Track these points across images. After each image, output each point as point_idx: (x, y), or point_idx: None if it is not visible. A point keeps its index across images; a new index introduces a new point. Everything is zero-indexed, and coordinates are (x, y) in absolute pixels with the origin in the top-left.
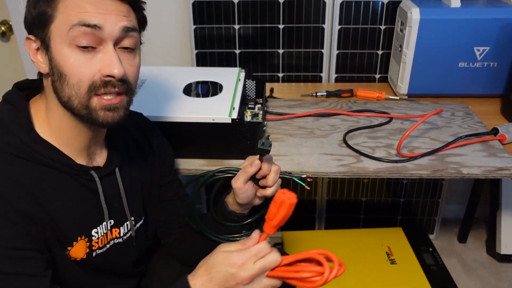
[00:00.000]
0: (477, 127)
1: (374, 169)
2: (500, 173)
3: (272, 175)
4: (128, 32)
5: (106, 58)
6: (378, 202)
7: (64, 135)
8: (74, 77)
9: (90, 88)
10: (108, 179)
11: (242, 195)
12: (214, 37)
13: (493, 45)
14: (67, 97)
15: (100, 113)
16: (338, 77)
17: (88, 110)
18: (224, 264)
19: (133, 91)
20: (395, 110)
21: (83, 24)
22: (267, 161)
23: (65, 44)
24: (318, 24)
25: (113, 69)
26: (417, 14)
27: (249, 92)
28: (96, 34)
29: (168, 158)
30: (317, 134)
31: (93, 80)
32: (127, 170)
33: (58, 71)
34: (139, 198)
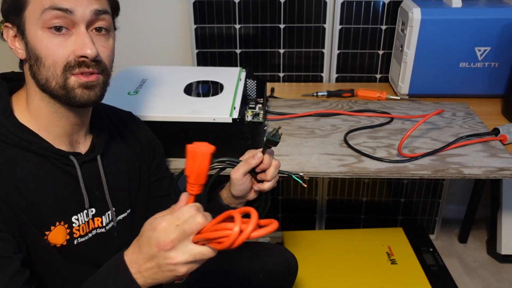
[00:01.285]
0: (478, 128)
1: (375, 169)
2: (501, 174)
3: (271, 170)
4: (100, 15)
5: (79, 40)
6: (379, 202)
7: (44, 120)
8: (49, 59)
9: (65, 68)
10: (88, 165)
11: (239, 187)
12: (215, 36)
13: (494, 46)
14: (44, 79)
15: (78, 92)
16: (339, 77)
17: (66, 89)
18: (148, 230)
19: (108, 73)
20: (396, 110)
21: (54, 7)
22: (268, 154)
23: (39, 27)
24: (319, 24)
25: (86, 49)
26: (418, 14)
27: (250, 92)
28: (68, 18)
29: (158, 155)
30: (318, 134)
31: (67, 61)
32: (112, 161)
33: (34, 55)
34: (125, 190)
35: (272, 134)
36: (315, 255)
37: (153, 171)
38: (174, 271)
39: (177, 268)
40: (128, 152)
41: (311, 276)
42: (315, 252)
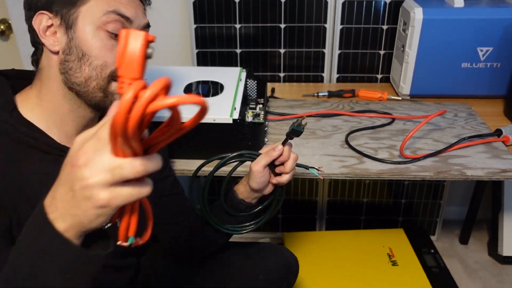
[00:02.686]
0: (480, 128)
1: (376, 170)
2: (504, 175)
3: (290, 162)
4: (146, 29)
5: None
6: (380, 203)
7: (58, 118)
8: (100, 59)
9: (112, 74)
10: None
11: (260, 179)
12: (215, 36)
13: (497, 46)
14: (84, 77)
15: (116, 97)
16: (339, 77)
17: (104, 93)
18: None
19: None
20: (397, 111)
21: (118, 13)
22: (288, 147)
23: (95, 26)
24: (319, 23)
25: None
26: (420, 14)
27: (250, 92)
28: (125, 25)
29: (163, 155)
30: (319, 134)
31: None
32: None
33: (80, 51)
34: None
35: (297, 124)
36: (316, 256)
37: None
38: (91, 198)
39: (94, 194)
40: None
41: (312, 277)
42: (315, 253)
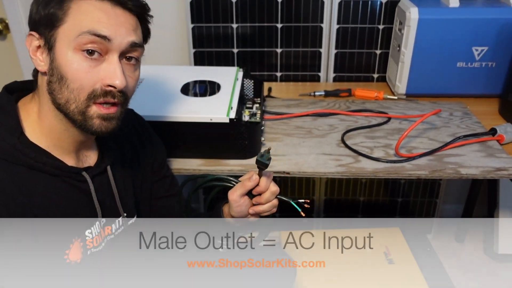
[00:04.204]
0: (475, 127)
1: (372, 169)
2: (498, 174)
3: (267, 194)
4: (135, 47)
5: (110, 68)
6: (376, 202)
7: (55, 136)
8: (76, 82)
9: (90, 96)
10: (99, 178)
11: (236, 209)
12: (212, 36)
13: (492, 45)
14: (64, 99)
15: (96, 122)
16: (336, 76)
17: (84, 116)
18: None
19: (127, 104)
20: (393, 110)
21: (94, 33)
22: (266, 177)
23: (71, 48)
24: (316, 23)
25: (115, 79)
26: (416, 13)
27: (247, 91)
28: (104, 44)
29: (160, 154)
30: (315, 134)
31: (94, 88)
32: (119, 168)
33: (59, 73)
34: (131, 195)
35: (261, 155)
36: (313, 255)
37: (156, 170)
38: None
39: None
40: (132, 153)
41: (309, 276)
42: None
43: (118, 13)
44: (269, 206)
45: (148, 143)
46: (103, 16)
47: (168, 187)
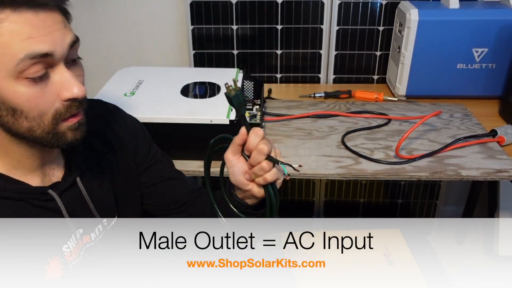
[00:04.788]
0: (475, 129)
1: (372, 171)
2: (499, 175)
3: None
4: (74, 45)
5: (63, 80)
6: (376, 204)
7: (14, 158)
8: (34, 110)
9: (55, 117)
10: (69, 192)
11: (230, 170)
12: (212, 37)
13: (492, 47)
14: (25, 128)
15: (69, 135)
16: (336, 78)
17: (55, 135)
18: None
19: (86, 100)
20: (393, 112)
21: (32, 56)
22: (254, 134)
23: (12, 78)
24: (316, 25)
25: (73, 90)
26: (416, 15)
27: (247, 93)
28: (47, 61)
29: (142, 143)
30: (315, 135)
31: (55, 108)
32: (93, 172)
33: (9, 107)
34: (111, 196)
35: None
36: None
37: (140, 161)
38: None
39: None
40: (108, 152)
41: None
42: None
43: (44, 18)
44: (258, 169)
45: (125, 135)
46: (30, 29)
47: (160, 173)
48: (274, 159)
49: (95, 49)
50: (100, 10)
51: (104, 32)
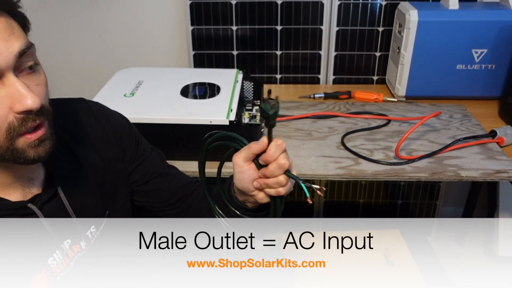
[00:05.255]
0: (475, 130)
1: (372, 171)
2: (499, 176)
3: (273, 166)
4: (25, 53)
5: (13, 92)
6: (376, 204)
7: None
8: None
9: (9, 131)
10: (51, 204)
11: (238, 175)
12: (211, 38)
13: (491, 48)
14: None
15: (30, 152)
16: (336, 78)
17: (16, 151)
18: None
19: (50, 111)
20: (393, 112)
21: None
22: (276, 144)
23: None
24: (316, 25)
25: (26, 101)
26: (415, 16)
27: (247, 93)
28: None
29: (129, 141)
30: (315, 136)
31: (8, 122)
32: (76, 180)
33: None
34: (98, 201)
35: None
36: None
37: (129, 160)
38: None
39: None
40: (91, 155)
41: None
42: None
43: None
44: (274, 182)
45: (110, 133)
46: None
47: (151, 169)
48: (295, 176)
49: (95, 50)
50: (99, 11)
51: (104, 32)
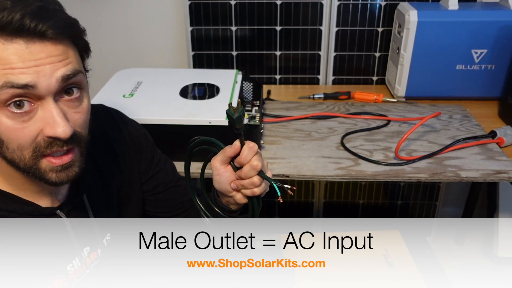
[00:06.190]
0: (475, 130)
1: (372, 172)
2: (498, 176)
3: (246, 168)
4: (69, 80)
5: (48, 117)
6: (376, 205)
7: (18, 182)
8: (13, 143)
9: (35, 151)
10: (75, 211)
11: (216, 177)
12: (211, 38)
13: (491, 48)
14: (9, 159)
15: (52, 175)
16: (335, 79)
17: (38, 171)
18: None
19: (85, 139)
20: (392, 113)
21: (11, 85)
22: (248, 147)
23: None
24: (315, 26)
25: (57, 129)
26: (415, 16)
27: (246, 94)
28: (31, 93)
29: (146, 150)
30: (314, 136)
31: (36, 142)
32: (98, 189)
33: None
34: (115, 209)
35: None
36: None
37: (144, 169)
38: None
39: None
40: (112, 163)
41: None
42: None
43: (35, 50)
44: (248, 183)
45: (131, 144)
46: (16, 60)
47: (165, 180)
48: (267, 177)
49: (94, 50)
50: (99, 11)
51: (103, 33)
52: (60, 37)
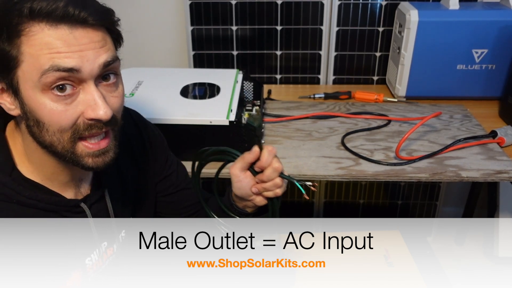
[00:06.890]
0: (475, 130)
1: (372, 172)
2: (499, 176)
3: (268, 171)
4: (109, 65)
5: (89, 99)
6: (376, 205)
7: (49, 170)
8: (55, 125)
9: (73, 133)
10: (97, 205)
11: (236, 184)
12: (211, 38)
13: (492, 48)
14: (48, 142)
15: (88, 160)
16: (336, 79)
17: (75, 155)
18: None
19: (119, 122)
20: (393, 113)
21: (57, 69)
22: (268, 151)
23: (38, 90)
24: (316, 25)
25: (98, 111)
26: (416, 16)
27: (247, 94)
28: (74, 76)
29: (160, 154)
30: (315, 136)
31: (76, 124)
32: (117, 184)
33: (34, 118)
34: (130, 206)
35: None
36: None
37: (158, 170)
38: None
39: None
40: (132, 163)
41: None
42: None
43: (79, 36)
44: (271, 185)
45: (148, 145)
46: (61, 45)
47: (177, 182)
48: (289, 177)
49: None
50: None
51: None
52: (99, 24)
